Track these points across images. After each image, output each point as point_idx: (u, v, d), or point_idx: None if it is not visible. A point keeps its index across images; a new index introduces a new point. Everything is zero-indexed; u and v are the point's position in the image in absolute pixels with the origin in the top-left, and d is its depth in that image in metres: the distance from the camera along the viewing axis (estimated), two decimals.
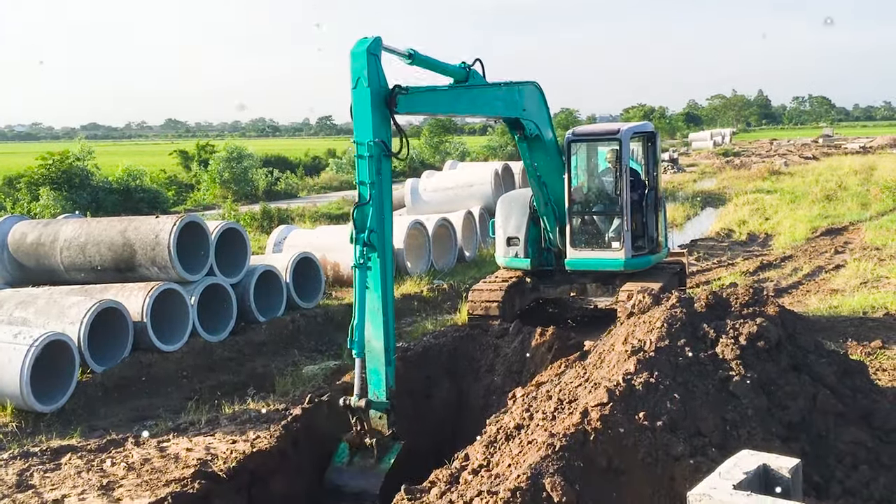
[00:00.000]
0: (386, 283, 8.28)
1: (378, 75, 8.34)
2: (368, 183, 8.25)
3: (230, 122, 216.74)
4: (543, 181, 12.85)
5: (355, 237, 8.20)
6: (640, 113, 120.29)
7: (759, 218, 27.06)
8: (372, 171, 8.24)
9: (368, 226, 8.18)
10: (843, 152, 63.62)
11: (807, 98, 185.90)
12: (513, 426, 6.69)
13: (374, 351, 8.24)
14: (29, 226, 15.07)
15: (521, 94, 11.66)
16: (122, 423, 10.67)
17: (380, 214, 8.26)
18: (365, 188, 8.27)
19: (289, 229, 19.99)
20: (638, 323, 7.14)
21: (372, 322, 8.22)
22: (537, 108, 12.13)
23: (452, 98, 10.26)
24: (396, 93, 8.47)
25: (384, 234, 8.31)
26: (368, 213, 8.20)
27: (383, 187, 8.36)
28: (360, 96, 8.27)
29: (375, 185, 8.23)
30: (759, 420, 5.96)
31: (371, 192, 8.22)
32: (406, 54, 9.20)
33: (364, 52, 8.17)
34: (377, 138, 8.26)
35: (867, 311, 13.27)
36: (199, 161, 44.56)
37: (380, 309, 8.21)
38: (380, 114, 8.34)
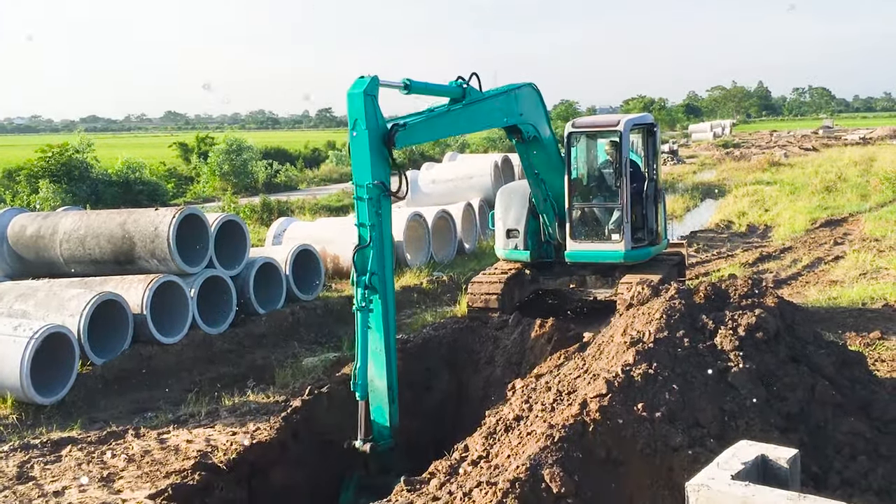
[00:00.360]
0: (388, 323, 8.26)
1: (376, 116, 8.24)
2: (368, 225, 8.19)
3: (230, 115, 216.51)
4: (542, 178, 12.84)
5: (356, 280, 8.17)
6: (641, 104, 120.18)
7: (758, 209, 27.05)
8: (371, 213, 8.18)
9: (370, 269, 8.14)
10: (842, 143, 63.56)
11: (807, 89, 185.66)
12: (512, 417, 6.71)
13: (377, 390, 8.25)
14: (28, 218, 15.07)
15: (518, 98, 11.61)
16: (122, 416, 10.69)
17: (380, 256, 8.23)
18: (365, 230, 8.21)
19: (288, 221, 19.99)
20: (637, 314, 7.15)
21: (375, 362, 8.21)
22: (534, 110, 12.10)
23: (450, 121, 10.11)
24: (395, 131, 8.40)
25: (385, 275, 8.29)
26: (369, 256, 8.17)
27: (383, 228, 8.30)
28: (359, 138, 8.21)
29: (376, 228, 8.19)
30: (757, 411, 5.97)
31: (371, 235, 8.18)
32: (402, 85, 9.04)
33: (361, 94, 8.07)
34: (376, 180, 8.18)
35: (866, 302, 13.27)
36: (199, 153, 44.53)
37: (382, 350, 8.19)
38: (378, 155, 8.27)
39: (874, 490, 5.61)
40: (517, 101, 11.54)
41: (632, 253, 12.90)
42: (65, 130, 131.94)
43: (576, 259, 13.22)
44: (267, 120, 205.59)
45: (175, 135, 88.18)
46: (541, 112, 12.29)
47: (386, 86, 8.68)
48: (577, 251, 13.13)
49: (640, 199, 13.11)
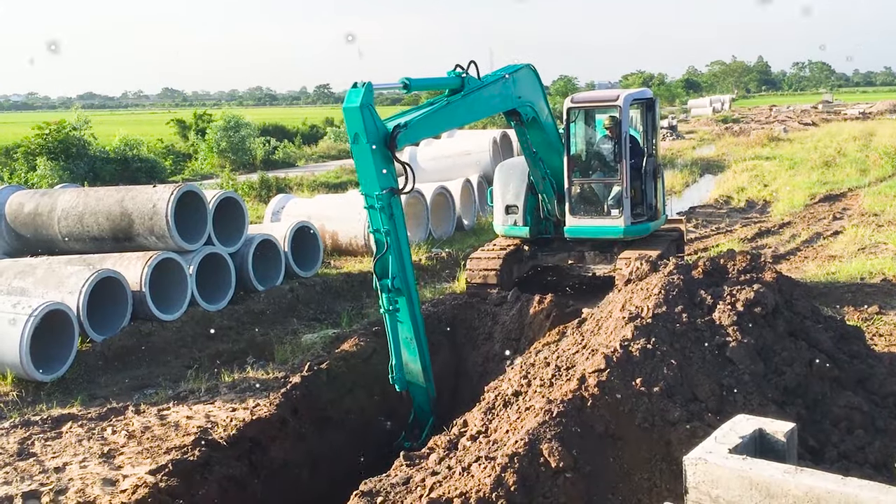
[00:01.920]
0: (415, 315, 8.61)
1: (375, 126, 8.25)
2: (384, 231, 8.38)
3: (227, 91, 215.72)
4: (540, 158, 12.81)
5: (380, 285, 8.46)
6: (640, 80, 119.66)
7: (757, 185, 27.01)
8: (385, 219, 8.35)
9: (391, 273, 8.39)
10: (842, 118, 63.37)
11: (807, 64, 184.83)
12: (511, 393, 6.74)
13: (412, 373, 8.76)
14: (26, 196, 15.05)
15: (515, 82, 11.56)
16: (122, 392, 10.73)
17: (399, 258, 8.46)
18: (381, 236, 8.42)
19: (287, 198, 19.95)
20: (635, 290, 7.16)
21: (407, 350, 8.66)
22: (532, 91, 12.06)
23: (450, 114, 10.09)
24: (396, 132, 8.44)
25: (406, 274, 8.54)
26: (389, 261, 8.38)
27: (398, 230, 8.48)
28: (361, 151, 8.24)
29: (391, 233, 8.37)
30: (755, 385, 5.99)
31: (388, 240, 8.36)
32: (400, 85, 9.05)
33: (357, 108, 8.05)
34: (384, 188, 8.29)
35: (865, 276, 13.29)
36: (197, 130, 44.33)
37: (413, 338, 8.61)
38: (382, 163, 8.34)
39: (871, 463, 5.64)
40: (515, 85, 11.50)
41: (631, 228, 12.89)
42: (62, 107, 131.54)
43: (575, 235, 13.21)
44: (265, 96, 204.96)
45: (173, 111, 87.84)
46: (539, 93, 12.24)
47: (383, 88, 8.75)
48: (577, 227, 13.12)
49: (639, 175, 13.08)
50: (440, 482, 5.62)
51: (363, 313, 13.89)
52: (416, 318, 8.64)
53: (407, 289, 8.54)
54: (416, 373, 8.77)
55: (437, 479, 5.68)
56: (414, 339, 8.64)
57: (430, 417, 8.92)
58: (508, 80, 11.37)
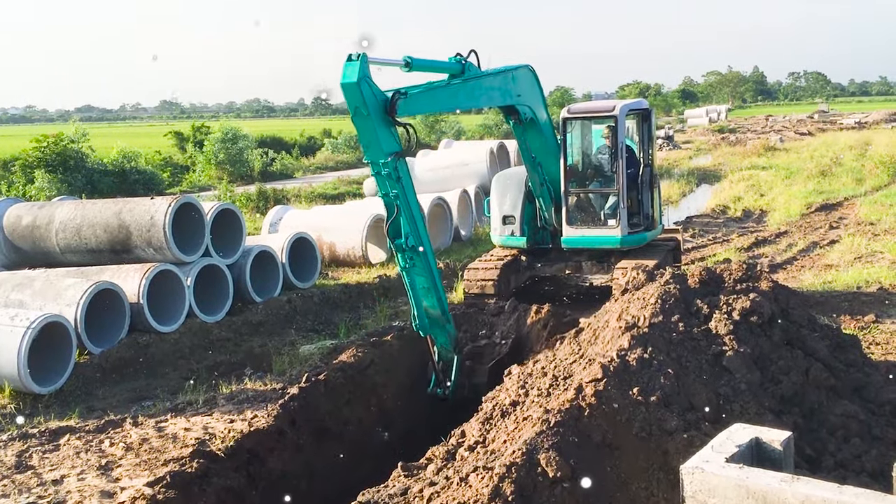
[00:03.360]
0: (430, 266, 9.08)
1: (374, 96, 8.41)
2: (392, 195, 8.71)
3: (225, 103, 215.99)
4: (538, 162, 12.85)
5: (394, 246, 8.91)
6: (636, 90, 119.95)
7: (754, 194, 27.06)
8: (392, 182, 8.67)
9: (404, 232, 8.83)
10: (838, 128, 63.48)
11: (802, 74, 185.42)
12: (508, 403, 6.75)
13: (433, 317, 9.34)
14: (24, 208, 15.06)
15: (515, 79, 11.63)
16: (119, 404, 10.71)
17: (410, 217, 8.82)
18: (390, 200, 8.75)
19: (284, 210, 19.98)
20: (632, 299, 7.18)
21: (426, 298, 9.21)
22: (531, 92, 12.11)
23: (450, 94, 10.27)
24: (396, 99, 8.59)
25: (419, 231, 8.91)
26: (401, 222, 8.80)
27: (406, 191, 8.76)
28: (363, 122, 8.46)
29: (399, 196, 8.69)
30: (752, 394, 6.01)
31: (397, 203, 8.72)
32: (402, 63, 9.25)
33: (355, 83, 8.19)
34: (389, 154, 8.58)
35: (861, 285, 13.32)
36: (195, 142, 44.37)
37: (431, 287, 9.15)
38: (385, 130, 8.59)
39: (868, 472, 5.66)
40: (514, 82, 11.58)
41: (628, 238, 12.92)
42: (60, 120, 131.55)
43: (572, 245, 13.24)
44: (263, 108, 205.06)
45: (171, 124, 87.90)
46: (538, 95, 12.30)
47: (384, 63, 8.86)
48: (574, 237, 13.15)
49: (636, 185, 13.12)
50: (438, 493, 5.63)
51: (361, 324, 13.89)
52: (430, 268, 9.11)
53: (419, 244, 8.95)
54: (436, 316, 9.34)
55: (434, 490, 5.68)
56: (431, 287, 9.14)
57: (455, 356, 9.57)
58: (508, 75, 11.48)
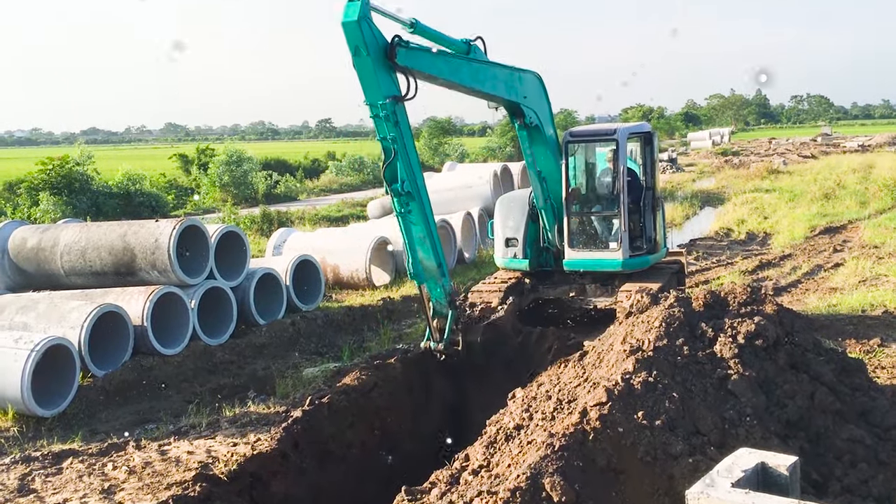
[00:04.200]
0: (426, 216, 9.32)
1: (374, 37, 8.62)
2: (390, 138, 8.93)
3: (230, 126, 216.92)
4: (543, 176, 12.89)
5: (391, 190, 9.10)
6: (639, 113, 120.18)
7: (757, 217, 27.06)
8: (390, 126, 8.86)
9: (400, 177, 9.01)
10: (841, 151, 63.58)
11: (805, 97, 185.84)
12: (512, 426, 6.71)
13: (429, 270, 9.52)
14: (29, 231, 15.10)
15: (521, 80, 11.74)
16: (123, 427, 10.69)
17: (407, 163, 9.07)
18: (388, 143, 8.97)
19: (288, 232, 20.01)
20: (636, 322, 7.16)
21: (422, 249, 9.40)
22: (538, 99, 12.22)
23: (453, 66, 10.46)
24: (396, 44, 8.81)
25: (415, 177, 9.17)
26: (397, 167, 8.98)
27: (404, 136, 9.02)
28: (362, 63, 8.64)
29: (397, 139, 8.92)
30: (757, 418, 5.98)
31: (394, 147, 8.94)
32: (408, 23, 9.62)
33: (355, 22, 8.40)
34: (387, 96, 8.78)
35: (866, 309, 13.28)
36: (199, 165, 44.54)
37: (427, 237, 9.35)
38: (384, 72, 8.79)
39: (874, 497, 5.62)
40: (521, 83, 11.76)
41: (630, 261, 12.90)
42: (65, 143, 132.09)
43: (574, 268, 13.23)
44: (267, 131, 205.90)
45: (175, 146, 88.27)
46: (544, 104, 12.42)
47: (386, 15, 9.18)
48: (575, 260, 13.15)
49: (639, 208, 13.13)
50: None
51: (364, 347, 13.88)
52: (427, 218, 9.29)
53: (417, 192, 9.13)
54: (432, 269, 9.47)
55: None
56: (427, 238, 9.32)
57: (450, 311, 9.70)
58: (516, 74, 11.63)
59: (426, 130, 61.47)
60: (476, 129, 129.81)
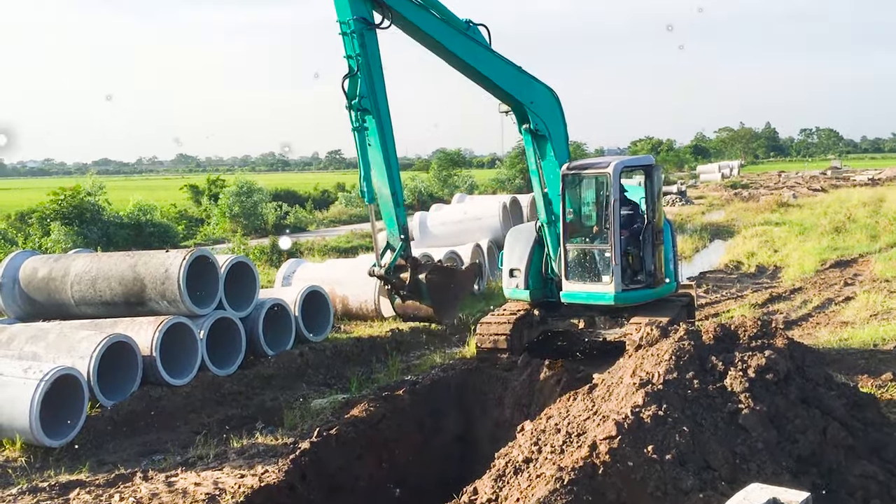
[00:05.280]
0: (385, 139, 9.77)
1: None
2: (354, 55, 9.59)
3: (240, 157, 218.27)
4: (549, 199, 12.99)
5: (349, 105, 9.66)
6: (648, 145, 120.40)
7: (767, 250, 27.00)
8: (355, 44, 9.57)
9: (359, 93, 9.61)
10: (851, 184, 63.59)
11: (814, 130, 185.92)
12: (521, 459, 6.68)
13: (383, 197, 9.85)
14: (40, 261, 15.17)
15: (532, 86, 11.90)
16: (130, 458, 10.66)
17: (369, 81, 9.66)
18: (352, 61, 9.61)
19: (298, 263, 20.06)
20: (646, 356, 7.14)
21: (378, 173, 9.77)
22: (548, 112, 12.36)
23: (447, 31, 10.97)
24: None
25: (376, 97, 9.72)
26: (357, 83, 9.57)
27: (369, 59, 9.67)
28: None
29: (361, 56, 9.59)
30: (768, 453, 5.94)
31: (358, 63, 9.58)
32: None
33: None
34: (355, 15, 9.57)
35: (877, 343, 13.20)
36: (210, 195, 44.75)
37: (382, 162, 9.67)
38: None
39: None
40: (530, 87, 11.98)
41: (622, 295, 12.80)
42: (77, 173, 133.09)
43: (570, 300, 13.24)
44: (277, 162, 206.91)
45: (186, 177, 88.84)
46: (557, 121, 12.58)
47: None
48: (572, 292, 13.17)
49: (637, 241, 13.06)
50: None
51: (373, 378, 13.84)
52: (386, 142, 9.75)
53: (377, 112, 9.70)
54: (386, 197, 9.81)
55: None
56: (384, 164, 9.71)
57: (401, 243, 10.13)
58: (528, 79, 11.99)
59: (435, 162, 61.76)
60: (485, 160, 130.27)
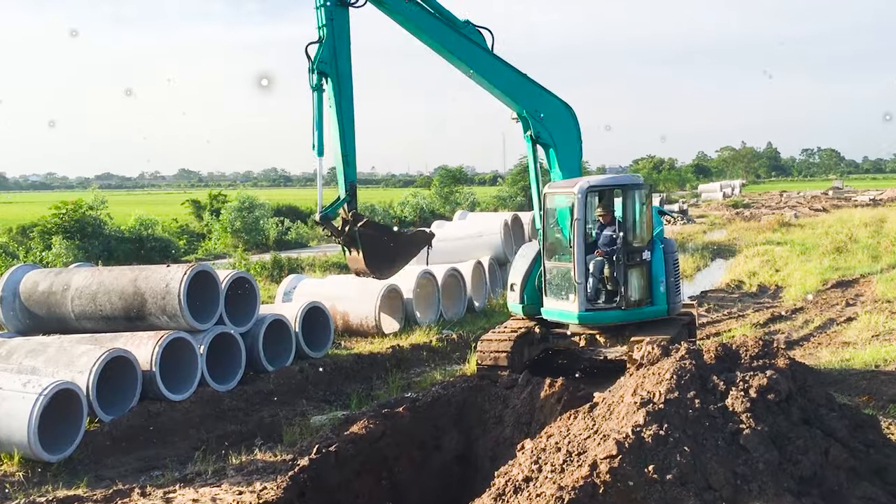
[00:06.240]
0: (342, 104, 10.97)
1: None
2: (321, 26, 10.94)
3: (242, 172, 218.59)
4: None
5: (310, 67, 10.91)
6: (650, 164, 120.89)
7: (769, 269, 26.99)
8: (326, 17, 10.91)
9: (320, 58, 10.88)
10: (853, 204, 63.65)
11: (816, 150, 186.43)
12: (521, 478, 6.64)
13: (336, 156, 11.09)
14: (41, 274, 15.16)
15: (537, 96, 12.13)
16: (128, 473, 10.62)
17: (331, 49, 10.90)
18: (320, 30, 10.94)
19: (299, 278, 20.04)
20: (647, 374, 7.12)
21: (333, 134, 10.99)
22: (560, 126, 12.65)
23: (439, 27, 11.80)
24: None
25: (338, 65, 10.93)
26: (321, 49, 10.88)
27: (335, 31, 10.96)
28: None
29: (327, 27, 10.91)
30: (770, 474, 5.90)
31: (324, 32, 10.91)
32: None
33: None
34: None
35: (879, 364, 13.16)
36: (211, 210, 44.82)
37: (337, 125, 10.94)
38: None
39: None
40: (534, 97, 12.34)
41: (585, 315, 12.94)
42: (80, 187, 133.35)
43: (548, 316, 13.55)
44: (279, 178, 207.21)
45: (188, 192, 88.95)
46: (567, 132, 12.86)
47: None
48: (549, 309, 13.48)
49: (612, 262, 13.03)
50: None
51: (373, 395, 13.81)
52: (342, 108, 10.94)
53: (337, 80, 10.92)
54: (337, 155, 11.02)
55: None
56: (339, 127, 10.93)
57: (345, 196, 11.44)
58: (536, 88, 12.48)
59: (437, 179, 61.87)
60: (487, 178, 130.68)
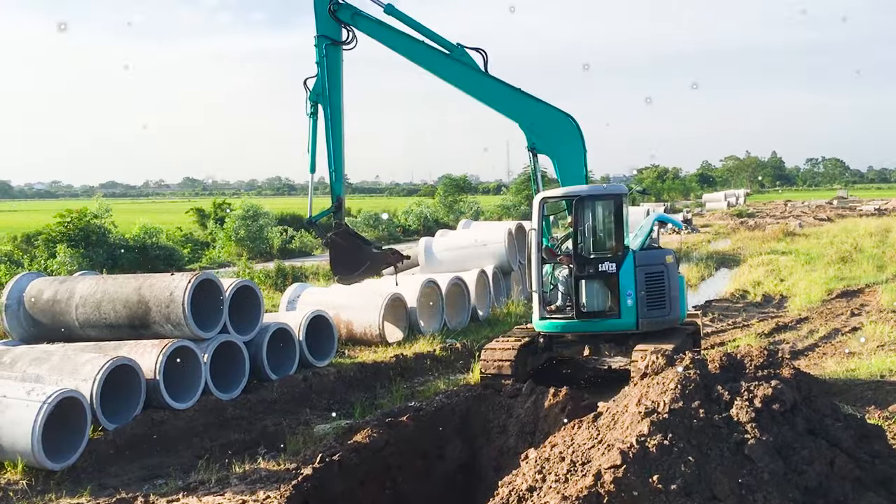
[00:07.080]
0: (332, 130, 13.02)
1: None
2: (317, 61, 12.94)
3: (247, 181, 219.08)
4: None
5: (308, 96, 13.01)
6: (654, 174, 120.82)
7: (773, 279, 26.93)
8: (321, 54, 12.93)
9: (314, 90, 12.98)
10: (857, 214, 63.57)
11: (821, 160, 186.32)
12: (525, 488, 6.62)
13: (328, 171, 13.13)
14: (45, 283, 15.18)
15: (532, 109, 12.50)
16: (132, 482, 10.60)
17: (324, 82, 12.93)
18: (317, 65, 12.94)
19: (302, 287, 20.05)
20: (651, 384, 7.10)
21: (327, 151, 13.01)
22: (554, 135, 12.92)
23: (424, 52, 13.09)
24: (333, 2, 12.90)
25: (329, 97, 12.94)
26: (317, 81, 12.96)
27: (329, 68, 12.95)
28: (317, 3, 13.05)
29: (320, 64, 12.92)
30: (775, 484, 5.88)
31: (320, 67, 12.92)
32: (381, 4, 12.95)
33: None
34: (321, 33, 12.97)
35: (885, 374, 13.12)
36: (216, 219, 44.89)
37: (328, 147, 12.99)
38: (323, 17, 12.98)
39: None
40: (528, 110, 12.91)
41: (540, 323, 13.45)
42: (84, 196, 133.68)
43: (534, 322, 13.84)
44: (284, 186, 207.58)
45: (192, 200, 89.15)
46: (567, 142, 13.17)
47: None
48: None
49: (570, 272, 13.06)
50: None
51: (376, 404, 13.79)
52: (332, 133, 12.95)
53: (329, 110, 12.93)
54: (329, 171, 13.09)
55: None
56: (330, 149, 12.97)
57: (331, 207, 13.54)
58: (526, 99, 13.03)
59: (441, 187, 61.96)
60: (491, 187, 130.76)
